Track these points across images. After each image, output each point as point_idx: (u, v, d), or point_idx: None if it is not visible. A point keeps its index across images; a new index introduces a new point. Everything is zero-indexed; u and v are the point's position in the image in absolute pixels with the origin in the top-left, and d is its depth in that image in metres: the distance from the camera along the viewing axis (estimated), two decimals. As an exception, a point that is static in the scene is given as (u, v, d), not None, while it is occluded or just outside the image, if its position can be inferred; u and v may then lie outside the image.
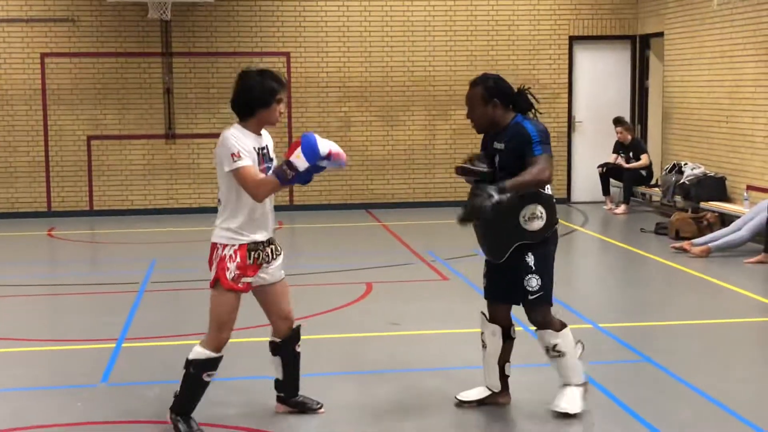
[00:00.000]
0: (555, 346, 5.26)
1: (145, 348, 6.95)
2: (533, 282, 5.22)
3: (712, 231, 10.76)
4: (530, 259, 5.20)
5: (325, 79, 14.26)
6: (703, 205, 11.94)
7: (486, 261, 5.42)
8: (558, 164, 14.76)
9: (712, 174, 12.22)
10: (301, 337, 5.39)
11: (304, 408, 5.47)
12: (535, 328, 5.37)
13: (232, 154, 4.88)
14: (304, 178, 4.90)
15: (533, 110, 5.27)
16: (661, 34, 14.05)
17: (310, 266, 9.99)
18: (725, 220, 11.24)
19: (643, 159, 13.65)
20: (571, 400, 5.29)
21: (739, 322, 7.52)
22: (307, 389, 5.56)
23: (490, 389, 5.51)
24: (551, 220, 5.21)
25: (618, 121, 13.77)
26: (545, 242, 5.23)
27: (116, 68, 13.88)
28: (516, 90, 5.26)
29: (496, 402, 5.50)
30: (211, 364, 5.06)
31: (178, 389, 5.11)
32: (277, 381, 5.46)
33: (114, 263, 10.62)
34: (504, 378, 5.48)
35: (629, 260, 10.40)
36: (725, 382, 5.91)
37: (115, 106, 13.93)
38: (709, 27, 12.60)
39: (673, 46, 13.70)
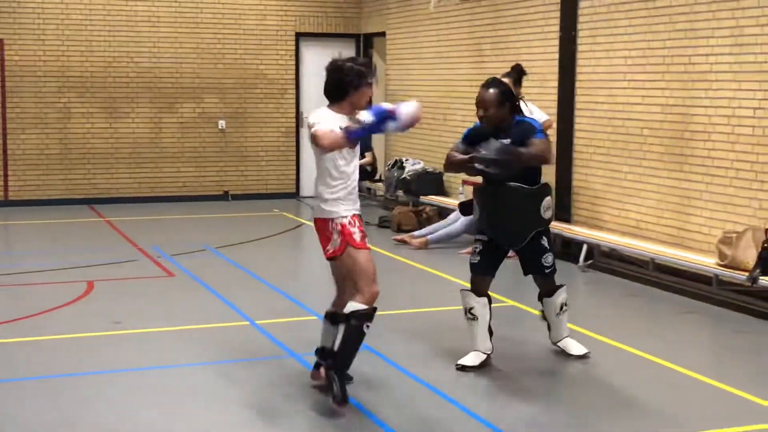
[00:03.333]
0: (563, 304, 6.34)
1: None
2: (549, 259, 6.23)
3: (430, 224, 11.29)
4: (544, 241, 6.18)
5: (43, 68, 13.58)
6: (423, 199, 12.49)
7: (484, 241, 6.15)
8: (288, 159, 14.93)
9: (431, 169, 12.80)
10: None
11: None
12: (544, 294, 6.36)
13: (309, 125, 5.29)
14: (367, 130, 5.22)
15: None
16: (383, 34, 14.55)
17: (26, 265, 9.51)
18: (443, 213, 11.82)
19: (367, 157, 14.04)
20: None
21: (450, 310, 7.93)
22: (24, 393, 5.27)
23: (485, 353, 6.15)
24: (553, 210, 6.41)
25: (343, 118, 14.06)
26: (548, 227, 6.26)
27: None
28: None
29: (490, 362, 6.17)
30: (370, 316, 5.30)
31: (337, 348, 5.31)
32: (323, 350, 5.59)
33: None
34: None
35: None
36: (434, 365, 6.22)
37: None
38: (427, 28, 13.19)
39: (394, 45, 14.23)
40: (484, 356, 6.17)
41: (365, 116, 5.19)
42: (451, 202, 12.01)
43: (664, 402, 5.62)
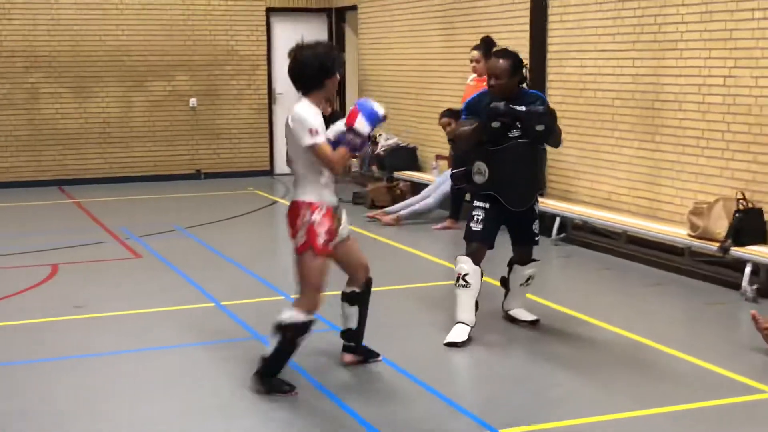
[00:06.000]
0: (530, 277, 6.37)
1: None
2: (536, 226, 6.31)
3: (404, 199, 11.16)
4: (536, 207, 6.29)
5: (10, 48, 13.34)
6: (396, 174, 12.34)
7: (485, 209, 6.07)
8: (260, 136, 14.75)
9: (405, 144, 12.66)
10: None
11: (368, 356, 5.68)
12: (524, 264, 6.38)
13: (310, 130, 4.96)
14: (367, 141, 5.08)
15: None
16: (354, 8, 14.35)
17: (-9, 249, 9.36)
18: (417, 188, 11.68)
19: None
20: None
21: (424, 287, 7.83)
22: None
23: (468, 325, 6.06)
24: None
25: (316, 94, 13.88)
26: None
27: None
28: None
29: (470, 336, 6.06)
30: (307, 328, 5.13)
31: (267, 353, 5.13)
32: (348, 331, 5.61)
33: None
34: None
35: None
36: (404, 344, 6.12)
37: None
38: (399, 1, 12.99)
39: (367, 19, 14.04)
40: (469, 329, 6.07)
41: (362, 125, 4.95)
42: (425, 177, 11.88)
43: (636, 378, 5.52)
